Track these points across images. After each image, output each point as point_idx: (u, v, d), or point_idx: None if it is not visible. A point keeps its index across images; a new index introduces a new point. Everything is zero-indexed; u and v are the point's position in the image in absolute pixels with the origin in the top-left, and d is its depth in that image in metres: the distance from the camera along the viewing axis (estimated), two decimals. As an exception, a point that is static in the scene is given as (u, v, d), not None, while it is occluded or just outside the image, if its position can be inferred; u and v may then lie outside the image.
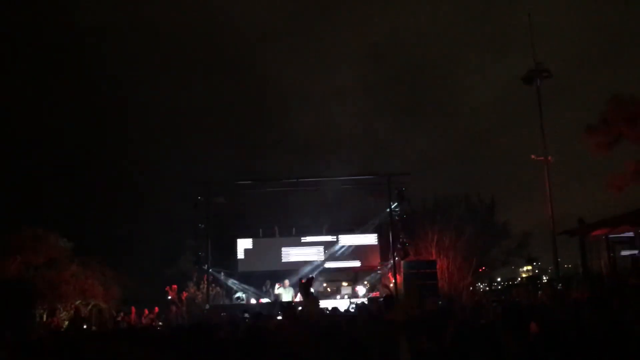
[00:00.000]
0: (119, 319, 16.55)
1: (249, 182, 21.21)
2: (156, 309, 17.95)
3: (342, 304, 17.29)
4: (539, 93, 22.01)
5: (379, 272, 21.23)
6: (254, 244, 21.23)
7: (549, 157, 21.75)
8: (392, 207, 19.28)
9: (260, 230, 21.63)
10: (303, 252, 21.18)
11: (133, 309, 17.29)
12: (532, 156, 22.28)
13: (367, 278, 22.10)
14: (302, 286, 10.28)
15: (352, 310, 14.73)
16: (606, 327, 5.77)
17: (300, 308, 10.54)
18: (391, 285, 19.06)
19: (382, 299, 14.18)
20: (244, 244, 21.20)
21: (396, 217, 19.21)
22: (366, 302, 15.54)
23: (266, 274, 20.60)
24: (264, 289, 20.13)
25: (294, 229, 21.66)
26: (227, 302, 19.51)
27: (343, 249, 21.22)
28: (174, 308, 18.84)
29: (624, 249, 18.13)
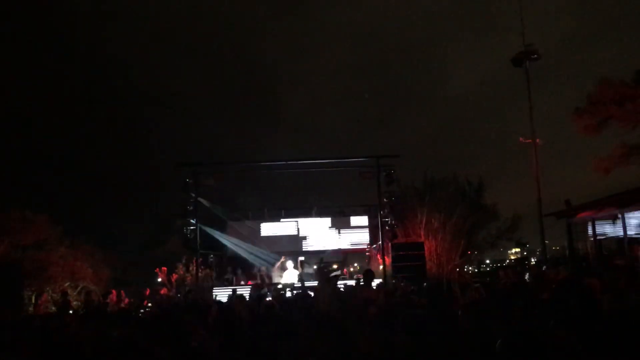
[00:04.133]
0: (108, 300, 16.55)
1: (239, 163, 21.17)
2: (147, 290, 17.98)
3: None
4: (527, 75, 22.04)
5: (367, 254, 21.32)
6: (243, 226, 21.23)
7: (537, 140, 21.83)
8: (382, 189, 19.30)
9: (250, 212, 21.64)
10: (291, 234, 21.18)
11: (122, 292, 17.29)
12: (520, 138, 22.38)
13: (357, 260, 22.24)
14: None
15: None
16: (584, 305, 5.84)
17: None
18: (380, 267, 19.16)
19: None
20: (233, 226, 21.19)
21: (385, 199, 19.22)
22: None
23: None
24: (253, 271, 20.19)
25: (283, 212, 21.68)
26: (216, 283, 19.56)
27: (332, 231, 21.23)
28: (164, 290, 18.88)
29: (609, 230, 18.32)
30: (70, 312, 13.89)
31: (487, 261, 38.68)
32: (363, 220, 21.35)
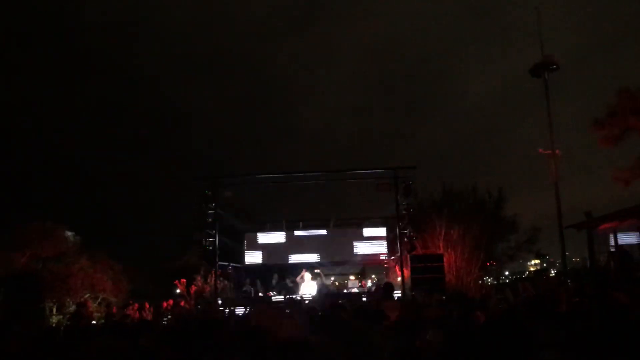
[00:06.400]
0: (127, 312, 16.63)
1: (257, 176, 21.18)
2: (170, 301, 18.00)
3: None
4: (546, 86, 21.84)
5: (385, 265, 21.22)
6: (261, 238, 21.25)
7: (557, 151, 21.59)
8: (399, 200, 19.22)
9: (268, 224, 21.65)
10: (312, 246, 21.15)
11: (147, 304, 17.39)
12: (540, 150, 22.16)
13: (375, 272, 22.15)
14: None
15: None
16: (612, 320, 5.74)
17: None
18: (398, 279, 19.07)
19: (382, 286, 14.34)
20: (251, 238, 21.23)
21: (403, 211, 19.14)
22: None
23: (273, 268, 20.64)
24: (273, 282, 20.17)
25: (301, 223, 21.66)
26: (234, 295, 19.57)
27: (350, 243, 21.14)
28: (182, 302, 18.93)
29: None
30: (93, 322, 14.00)
31: (507, 273, 38.28)
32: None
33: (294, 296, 17.71)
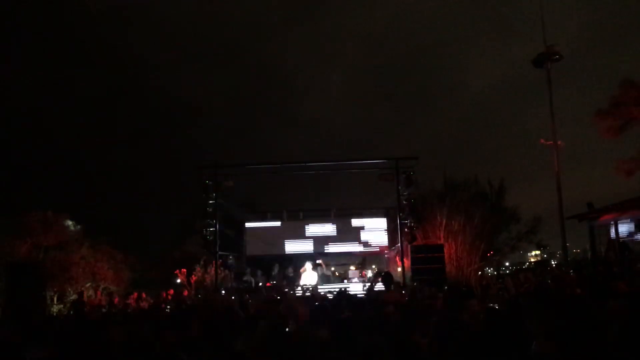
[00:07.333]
0: (129, 301, 16.69)
1: (258, 166, 21.13)
2: (171, 291, 18.04)
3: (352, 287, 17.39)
4: (549, 76, 21.68)
5: (386, 256, 21.20)
6: (261, 227, 21.20)
7: (559, 142, 21.48)
8: (400, 191, 19.17)
9: (269, 214, 21.61)
10: (311, 236, 21.09)
11: (144, 294, 17.44)
12: (542, 140, 22.04)
13: (375, 262, 22.13)
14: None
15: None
16: (612, 309, 5.73)
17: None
18: (399, 269, 19.07)
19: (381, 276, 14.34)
20: (252, 228, 21.17)
21: (404, 201, 19.09)
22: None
23: (274, 258, 20.60)
24: (272, 273, 20.16)
25: (301, 214, 21.61)
26: (234, 285, 19.58)
27: (351, 233, 21.08)
28: (186, 291, 18.95)
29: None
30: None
31: (507, 264, 38.25)
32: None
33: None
